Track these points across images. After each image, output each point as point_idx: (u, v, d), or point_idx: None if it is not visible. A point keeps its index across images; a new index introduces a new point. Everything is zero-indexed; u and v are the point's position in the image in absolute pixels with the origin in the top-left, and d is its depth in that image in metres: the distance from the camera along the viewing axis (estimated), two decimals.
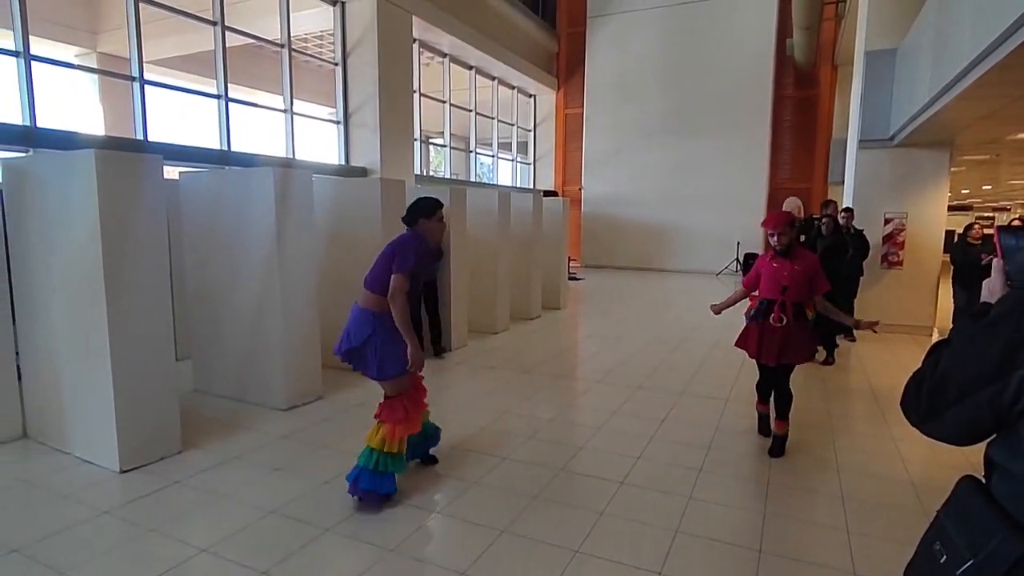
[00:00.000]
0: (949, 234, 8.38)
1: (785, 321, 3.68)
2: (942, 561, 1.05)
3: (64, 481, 3.33)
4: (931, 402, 1.08)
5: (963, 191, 19.12)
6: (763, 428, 4.12)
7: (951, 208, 19.43)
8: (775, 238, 3.73)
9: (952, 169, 8.09)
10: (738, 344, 3.94)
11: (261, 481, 3.37)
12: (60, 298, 3.62)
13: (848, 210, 7.03)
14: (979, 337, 1.05)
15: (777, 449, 3.82)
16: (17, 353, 3.92)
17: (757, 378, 4.02)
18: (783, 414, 3.86)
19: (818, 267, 3.73)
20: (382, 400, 3.16)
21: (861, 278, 7.12)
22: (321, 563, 2.58)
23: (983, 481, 1.08)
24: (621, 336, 7.59)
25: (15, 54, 6.01)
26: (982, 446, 1.11)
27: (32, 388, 3.91)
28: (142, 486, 3.27)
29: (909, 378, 1.16)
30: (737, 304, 4.09)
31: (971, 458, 3.69)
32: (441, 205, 3.20)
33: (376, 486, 2.97)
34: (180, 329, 5.27)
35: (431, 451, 3.61)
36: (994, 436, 1.07)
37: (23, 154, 5.84)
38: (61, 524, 2.87)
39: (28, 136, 6.03)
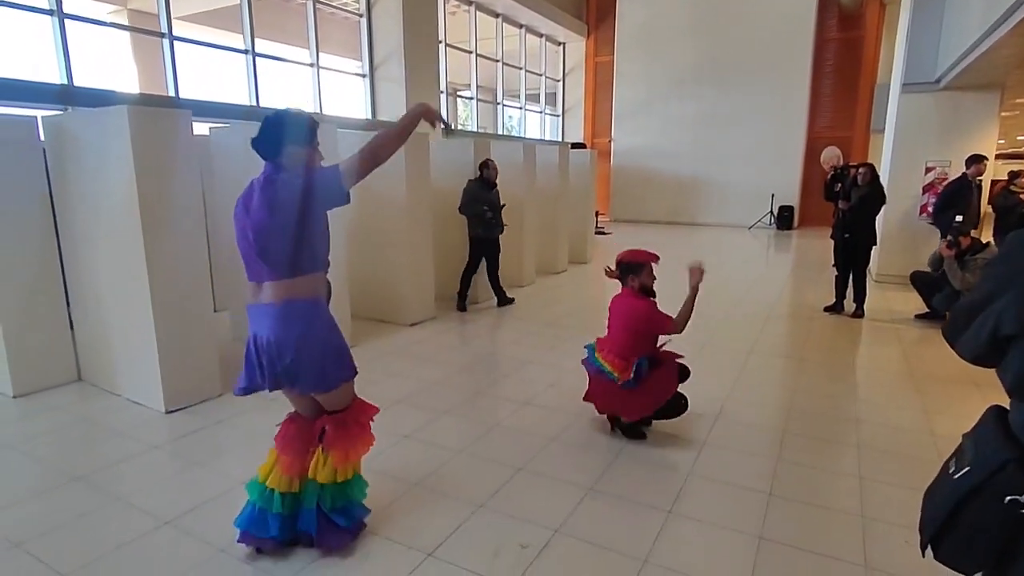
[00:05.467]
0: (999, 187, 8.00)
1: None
2: (950, 471, 1.17)
3: (116, 420, 3.60)
4: (952, 329, 1.24)
5: (1019, 137, 18.07)
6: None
7: (1006, 156, 18.43)
8: (654, 275, 3.28)
9: (1003, 114, 7.66)
10: (656, 402, 3.19)
11: None
12: (103, 250, 3.82)
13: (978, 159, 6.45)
14: (983, 275, 1.21)
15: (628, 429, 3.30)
16: (68, 303, 4.18)
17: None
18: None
19: (640, 313, 3.19)
20: (304, 422, 2.33)
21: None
22: None
23: (1007, 409, 1.18)
24: None
25: (49, 12, 6.13)
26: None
27: (83, 335, 4.18)
28: (187, 425, 3.52)
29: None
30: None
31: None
32: (316, 124, 2.20)
33: (341, 525, 2.28)
34: (218, 281, 5.50)
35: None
36: None
37: (61, 112, 6.03)
38: (116, 457, 3.13)
39: (66, 94, 6.22)
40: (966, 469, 1.10)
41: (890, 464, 3.08)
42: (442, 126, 2.29)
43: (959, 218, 5.87)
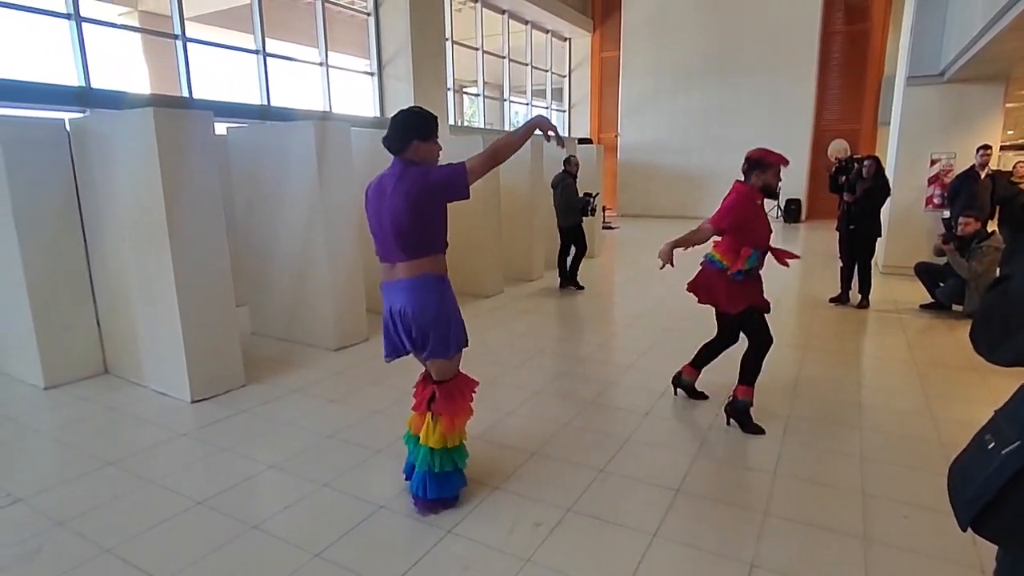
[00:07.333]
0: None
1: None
2: (990, 447, 1.11)
3: (144, 409, 3.75)
4: (1004, 326, 1.09)
5: None
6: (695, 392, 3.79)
7: (1017, 147, 18.31)
8: (779, 177, 3.68)
9: (1008, 105, 7.70)
10: (752, 303, 3.33)
11: (318, 411, 3.72)
12: (129, 247, 3.96)
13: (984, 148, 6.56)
14: None
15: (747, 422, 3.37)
16: (95, 299, 4.34)
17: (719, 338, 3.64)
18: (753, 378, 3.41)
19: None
20: (425, 386, 2.62)
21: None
22: (374, 477, 2.90)
23: None
24: (652, 283, 7.68)
25: (67, 16, 6.28)
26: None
27: (110, 329, 4.33)
28: (212, 414, 3.66)
29: (976, 314, 1.20)
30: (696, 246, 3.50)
31: (995, 394, 3.77)
32: (437, 120, 2.44)
33: (444, 491, 2.56)
34: (236, 277, 5.64)
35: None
36: None
37: (81, 114, 6.18)
38: (146, 444, 3.27)
39: (84, 97, 6.38)
40: (1016, 444, 1.04)
41: (892, 445, 3.18)
42: (555, 139, 2.41)
43: (946, 214, 5.99)
